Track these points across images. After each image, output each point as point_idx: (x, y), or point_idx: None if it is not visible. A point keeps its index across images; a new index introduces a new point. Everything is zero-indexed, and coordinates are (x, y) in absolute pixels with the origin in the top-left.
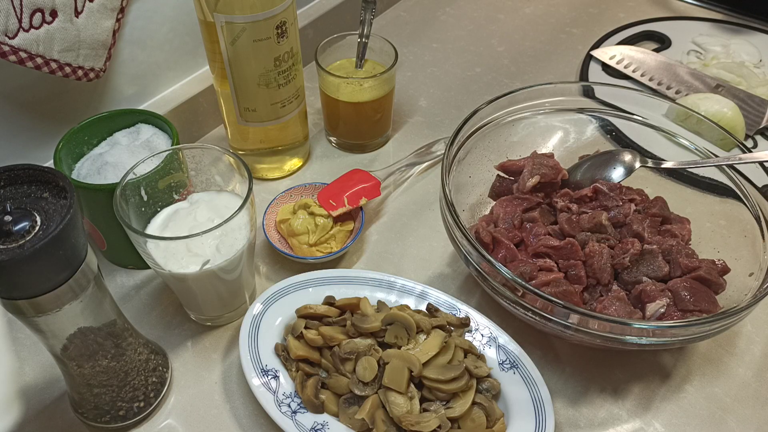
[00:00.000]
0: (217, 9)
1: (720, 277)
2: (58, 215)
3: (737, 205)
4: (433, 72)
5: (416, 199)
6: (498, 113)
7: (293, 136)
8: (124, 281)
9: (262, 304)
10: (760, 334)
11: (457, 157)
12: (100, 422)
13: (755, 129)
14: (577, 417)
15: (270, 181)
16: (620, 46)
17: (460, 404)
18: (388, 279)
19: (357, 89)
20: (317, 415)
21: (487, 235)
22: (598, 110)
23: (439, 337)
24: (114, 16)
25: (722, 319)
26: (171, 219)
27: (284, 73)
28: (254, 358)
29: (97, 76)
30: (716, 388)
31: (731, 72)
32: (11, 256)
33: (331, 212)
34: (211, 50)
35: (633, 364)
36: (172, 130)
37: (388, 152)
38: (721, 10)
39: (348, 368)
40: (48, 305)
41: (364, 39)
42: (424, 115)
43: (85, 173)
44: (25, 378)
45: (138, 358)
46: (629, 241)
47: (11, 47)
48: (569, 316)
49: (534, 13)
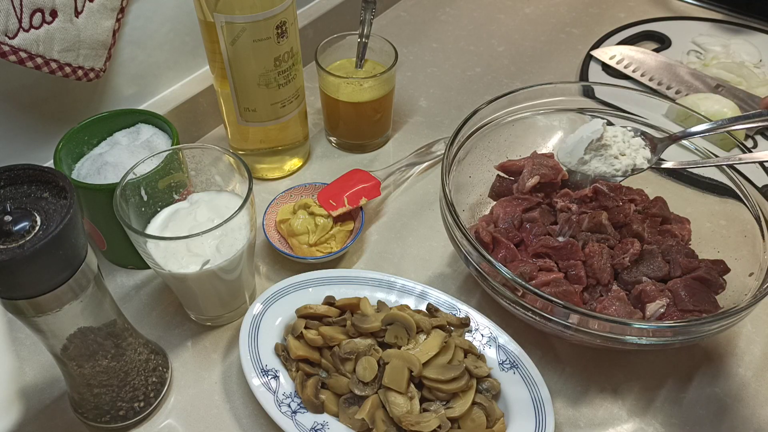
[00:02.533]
0: (217, 9)
1: (720, 277)
2: (58, 215)
3: (737, 205)
4: (433, 72)
5: (416, 199)
6: (498, 113)
7: (293, 136)
8: (124, 281)
9: (262, 304)
10: (760, 334)
11: (457, 157)
12: (100, 422)
13: (755, 129)
14: (577, 417)
15: (270, 181)
16: (620, 46)
17: (460, 404)
18: (388, 279)
19: (357, 89)
20: (317, 415)
21: (487, 235)
22: (598, 110)
23: (439, 337)
24: (114, 16)
25: (722, 319)
26: (171, 219)
27: (284, 73)
28: (254, 358)
29: (97, 76)
30: (716, 388)
31: (731, 72)
32: (11, 256)
33: (331, 212)
34: (211, 50)
35: (633, 364)
36: (172, 130)
37: (388, 152)
38: (721, 10)
39: (348, 368)
40: (48, 305)
41: (364, 39)
42: (424, 115)
43: (85, 173)
44: (25, 378)
45: (138, 358)
46: (629, 241)
47: (11, 47)
48: (569, 316)
49: (534, 13)
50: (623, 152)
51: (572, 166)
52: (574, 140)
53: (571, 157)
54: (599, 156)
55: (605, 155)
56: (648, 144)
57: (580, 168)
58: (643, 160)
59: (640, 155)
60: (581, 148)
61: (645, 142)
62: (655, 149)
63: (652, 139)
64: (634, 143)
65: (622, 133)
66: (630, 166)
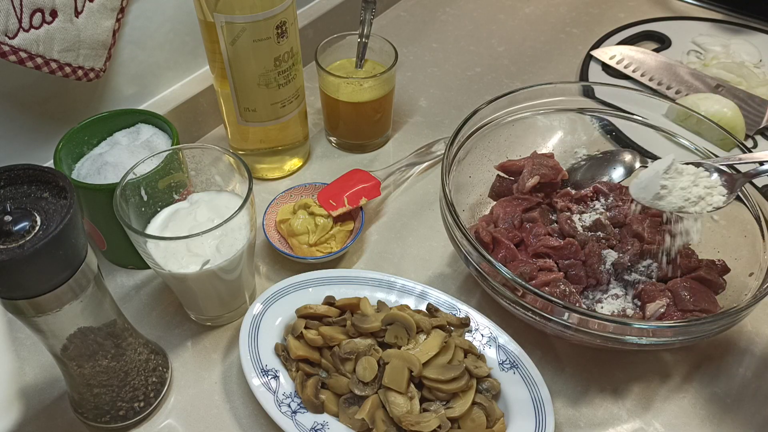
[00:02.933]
0: (217, 9)
1: (720, 277)
2: (58, 215)
3: (737, 205)
4: (433, 72)
5: (416, 199)
6: (498, 113)
7: (293, 136)
8: (124, 281)
9: (262, 304)
10: (760, 334)
11: (457, 157)
12: (100, 422)
13: (755, 129)
14: (577, 417)
15: (270, 181)
16: (620, 46)
17: (460, 404)
18: (388, 279)
19: (357, 89)
20: (317, 415)
21: (487, 235)
22: (598, 110)
23: (439, 337)
24: (114, 16)
25: (722, 319)
26: (171, 219)
27: (284, 73)
28: (254, 358)
29: (97, 76)
30: (716, 388)
31: (731, 72)
32: (11, 256)
33: (331, 212)
34: (211, 50)
35: (633, 364)
36: (172, 130)
37: (388, 152)
38: (721, 10)
39: (348, 368)
40: (48, 305)
41: (364, 39)
42: (424, 115)
43: (85, 173)
44: (25, 378)
45: (138, 358)
46: (629, 241)
47: (11, 47)
48: (569, 316)
49: (534, 13)
50: (697, 184)
51: (647, 202)
52: (649, 175)
53: (646, 193)
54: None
55: (676, 188)
56: (725, 181)
57: (656, 204)
58: (719, 197)
59: (716, 192)
60: (656, 183)
61: (722, 179)
62: (734, 187)
63: (730, 176)
64: (710, 182)
65: (694, 173)
66: (706, 201)
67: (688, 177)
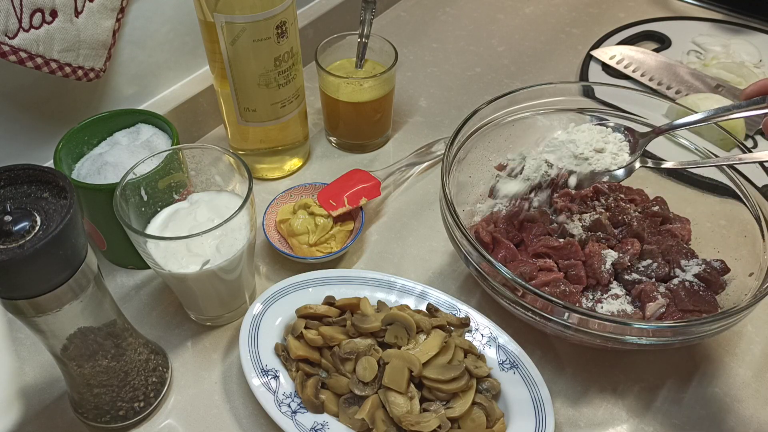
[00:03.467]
0: (217, 9)
1: (720, 277)
2: (58, 215)
3: (737, 205)
4: (433, 72)
5: (416, 199)
6: (498, 113)
7: (293, 136)
8: (124, 281)
9: (262, 304)
10: (760, 334)
11: (457, 157)
12: (100, 422)
13: (755, 129)
14: (577, 417)
15: (270, 181)
16: (620, 46)
17: (460, 404)
18: (388, 279)
19: (357, 89)
20: (317, 415)
21: (487, 235)
22: (598, 110)
23: (439, 337)
24: (114, 16)
25: (722, 319)
26: (171, 219)
27: (284, 73)
28: (254, 358)
29: (97, 76)
30: (716, 388)
31: (731, 72)
32: (11, 256)
33: (331, 212)
34: (211, 50)
35: (633, 364)
36: (172, 130)
37: (388, 152)
38: (721, 10)
39: (348, 368)
40: (48, 305)
41: (364, 39)
42: (424, 115)
43: (85, 173)
44: (25, 378)
45: (138, 358)
46: (629, 241)
47: (11, 47)
48: (569, 316)
49: (534, 13)
50: (600, 149)
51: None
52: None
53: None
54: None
55: (574, 152)
56: (629, 138)
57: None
58: (625, 156)
59: (623, 150)
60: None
61: (626, 138)
62: (637, 144)
63: (634, 134)
64: (612, 138)
65: (591, 130)
66: (611, 162)
67: (590, 133)
